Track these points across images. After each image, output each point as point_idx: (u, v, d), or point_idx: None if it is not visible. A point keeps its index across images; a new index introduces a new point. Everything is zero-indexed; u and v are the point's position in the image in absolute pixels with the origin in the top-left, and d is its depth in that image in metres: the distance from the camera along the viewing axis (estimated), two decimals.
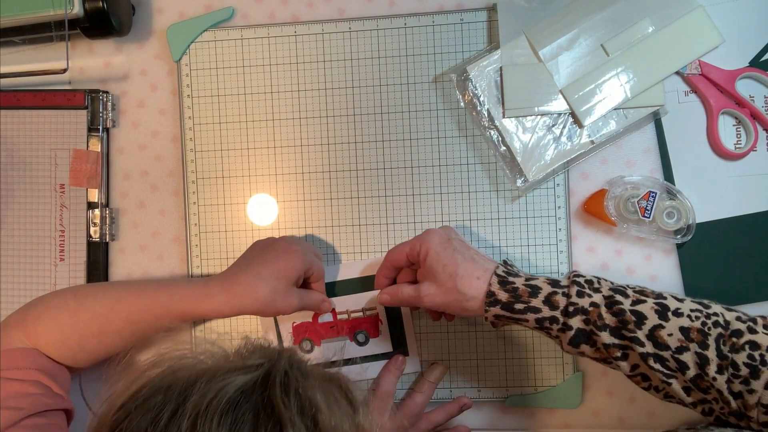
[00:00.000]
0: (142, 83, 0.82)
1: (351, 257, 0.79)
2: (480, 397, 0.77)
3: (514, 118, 0.75)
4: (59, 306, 0.68)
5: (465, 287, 0.65)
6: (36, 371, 0.63)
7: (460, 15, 0.78)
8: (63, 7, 0.75)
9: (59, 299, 0.69)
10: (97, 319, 0.67)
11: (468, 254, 0.67)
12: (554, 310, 0.62)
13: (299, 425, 0.43)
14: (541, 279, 0.65)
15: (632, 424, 0.76)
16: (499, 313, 0.64)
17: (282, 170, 0.80)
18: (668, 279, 0.76)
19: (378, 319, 0.78)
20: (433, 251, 0.67)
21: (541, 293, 0.63)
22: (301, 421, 0.43)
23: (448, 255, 0.67)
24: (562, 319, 0.62)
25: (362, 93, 0.79)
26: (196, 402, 0.42)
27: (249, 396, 0.43)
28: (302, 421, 0.43)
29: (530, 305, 0.63)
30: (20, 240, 0.82)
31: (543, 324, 0.63)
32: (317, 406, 0.45)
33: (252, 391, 0.44)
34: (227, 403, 0.42)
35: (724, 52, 0.74)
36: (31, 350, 0.66)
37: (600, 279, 0.64)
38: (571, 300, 0.62)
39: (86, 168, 0.81)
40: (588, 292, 0.62)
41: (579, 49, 0.74)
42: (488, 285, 0.65)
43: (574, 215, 0.77)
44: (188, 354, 0.49)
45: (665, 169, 0.76)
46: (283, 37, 0.80)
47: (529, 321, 0.63)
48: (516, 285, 0.64)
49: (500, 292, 0.64)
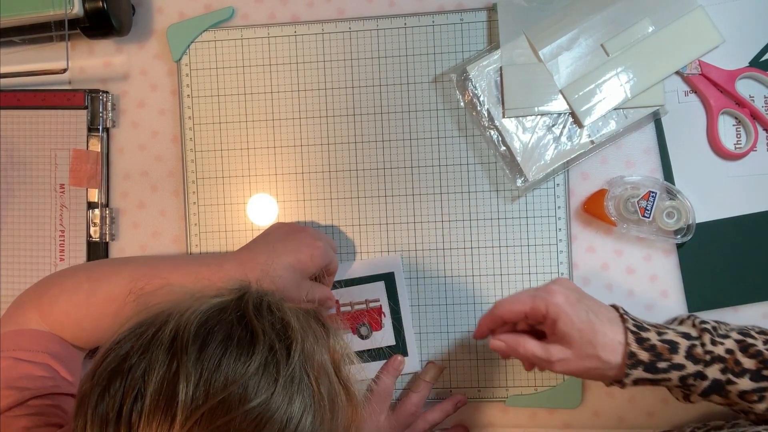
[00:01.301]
0: (142, 83, 0.82)
1: (351, 257, 0.79)
2: (480, 397, 0.77)
3: (514, 118, 0.75)
4: (74, 289, 0.67)
5: (608, 354, 0.60)
6: (46, 354, 0.63)
7: (460, 15, 0.78)
8: (63, 7, 0.75)
9: (73, 281, 0.68)
10: (112, 301, 0.67)
11: (598, 312, 0.62)
12: (697, 364, 0.59)
13: (270, 334, 0.46)
14: (671, 331, 0.61)
15: (632, 424, 0.76)
16: (641, 376, 0.60)
17: (282, 170, 0.80)
18: (668, 279, 0.76)
19: (381, 311, 0.77)
20: (564, 315, 0.61)
21: (680, 348, 0.59)
22: (272, 331, 0.46)
23: (581, 318, 0.61)
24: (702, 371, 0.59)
25: (362, 93, 0.79)
26: (176, 321, 0.46)
27: (224, 312, 0.47)
28: (273, 331, 0.46)
29: (674, 362, 0.59)
30: (20, 240, 0.82)
31: (687, 381, 0.59)
32: (288, 322, 0.48)
33: (227, 309, 0.47)
34: (203, 316, 0.46)
35: (724, 52, 0.74)
36: (43, 333, 0.65)
37: (719, 322, 0.62)
38: (706, 349, 0.59)
39: (86, 168, 0.81)
40: (719, 339, 0.59)
41: (579, 49, 0.74)
42: (626, 344, 0.60)
43: (574, 215, 0.77)
44: None
45: (665, 169, 0.76)
46: (283, 37, 0.80)
47: (672, 380, 0.59)
48: (653, 342, 0.60)
49: (640, 352, 0.59)
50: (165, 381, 0.43)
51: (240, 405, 0.43)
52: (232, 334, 0.46)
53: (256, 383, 0.44)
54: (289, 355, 0.46)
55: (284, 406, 0.44)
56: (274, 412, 0.44)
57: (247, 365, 0.44)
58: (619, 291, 0.76)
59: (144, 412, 0.42)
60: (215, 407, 0.43)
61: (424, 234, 0.78)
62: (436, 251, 0.78)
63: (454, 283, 0.77)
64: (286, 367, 0.45)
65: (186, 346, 0.44)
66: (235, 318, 0.47)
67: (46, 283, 0.69)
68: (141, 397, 0.43)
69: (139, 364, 0.44)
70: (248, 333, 0.46)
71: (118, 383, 0.44)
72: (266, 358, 0.45)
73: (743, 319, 0.75)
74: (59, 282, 0.69)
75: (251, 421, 0.43)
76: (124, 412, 0.43)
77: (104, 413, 0.44)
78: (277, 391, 0.44)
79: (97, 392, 0.45)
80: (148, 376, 0.43)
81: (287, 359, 0.46)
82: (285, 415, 0.44)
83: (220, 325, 0.46)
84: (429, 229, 0.78)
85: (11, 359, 0.62)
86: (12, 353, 0.62)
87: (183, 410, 0.42)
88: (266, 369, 0.45)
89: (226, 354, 0.44)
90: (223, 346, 0.45)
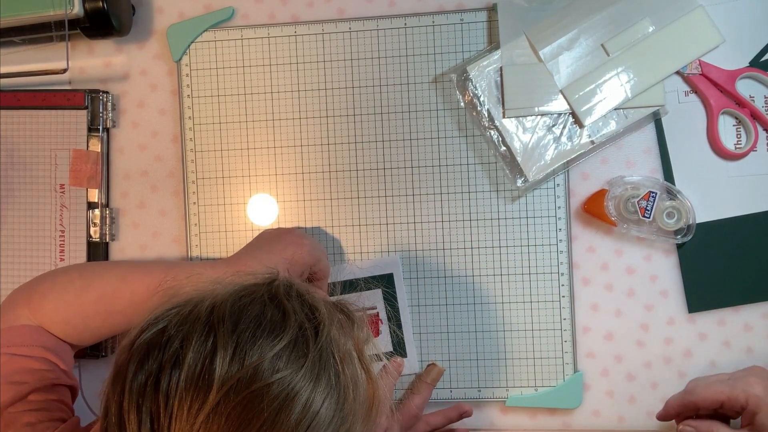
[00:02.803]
0: (142, 83, 0.82)
1: (351, 257, 0.79)
2: (480, 397, 0.77)
3: (514, 118, 0.75)
4: (65, 285, 0.67)
5: None
6: (41, 348, 0.63)
7: (460, 15, 0.78)
8: (63, 7, 0.75)
9: (65, 277, 0.68)
10: (103, 299, 0.67)
11: None
12: None
13: (300, 314, 0.48)
14: None
15: (632, 424, 0.76)
16: None
17: (282, 170, 0.80)
18: (668, 279, 0.76)
19: (378, 318, 0.78)
20: (766, 407, 0.61)
21: None
22: (302, 312, 0.48)
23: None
24: None
25: (362, 93, 0.79)
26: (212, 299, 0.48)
27: (256, 293, 0.49)
28: (303, 312, 0.48)
29: None
30: (20, 240, 0.82)
31: None
32: (317, 306, 0.50)
33: (259, 290, 0.50)
34: (237, 294, 0.49)
35: (725, 52, 0.74)
36: (36, 328, 0.65)
37: None
38: None
39: (86, 168, 0.81)
40: None
41: (579, 49, 0.74)
42: None
43: (574, 215, 0.77)
44: None
45: (665, 169, 0.76)
46: (283, 37, 0.80)
47: None
48: None
49: None
50: (202, 352, 0.45)
51: (270, 375, 0.44)
52: (265, 312, 0.48)
53: (287, 358, 0.46)
54: (317, 335, 0.48)
55: (310, 385, 0.46)
56: (300, 389, 0.45)
57: (279, 339, 0.46)
58: (619, 291, 0.76)
59: (181, 382, 0.44)
60: (247, 377, 0.44)
61: (424, 234, 0.78)
62: (436, 251, 0.78)
63: (454, 283, 0.77)
64: (314, 345, 0.47)
65: (223, 319, 0.46)
66: (267, 298, 0.49)
67: (38, 280, 0.69)
68: (179, 367, 0.44)
69: (176, 336, 0.46)
70: (280, 312, 0.48)
71: (156, 354, 0.45)
72: (296, 335, 0.47)
73: (743, 319, 0.75)
74: (51, 279, 0.69)
75: (277, 394, 0.44)
76: (161, 382, 0.44)
77: (142, 383, 0.45)
78: (306, 367, 0.46)
79: (135, 363, 0.46)
80: (186, 348, 0.45)
81: (315, 339, 0.48)
82: (311, 395, 0.45)
83: (254, 303, 0.48)
84: (429, 229, 0.78)
85: (7, 355, 0.62)
86: (7, 349, 0.62)
87: (219, 379, 0.43)
88: (296, 346, 0.46)
89: (259, 329, 0.46)
90: (256, 321, 0.47)
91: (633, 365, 0.76)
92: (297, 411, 0.44)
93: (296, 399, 0.45)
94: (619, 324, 0.76)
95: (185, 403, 0.43)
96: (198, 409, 0.43)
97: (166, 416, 0.43)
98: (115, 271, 0.69)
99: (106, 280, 0.68)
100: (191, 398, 0.43)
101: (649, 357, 0.76)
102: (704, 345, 0.75)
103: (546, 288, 0.76)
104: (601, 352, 0.76)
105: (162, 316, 0.48)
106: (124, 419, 0.45)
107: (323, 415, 0.46)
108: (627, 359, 0.76)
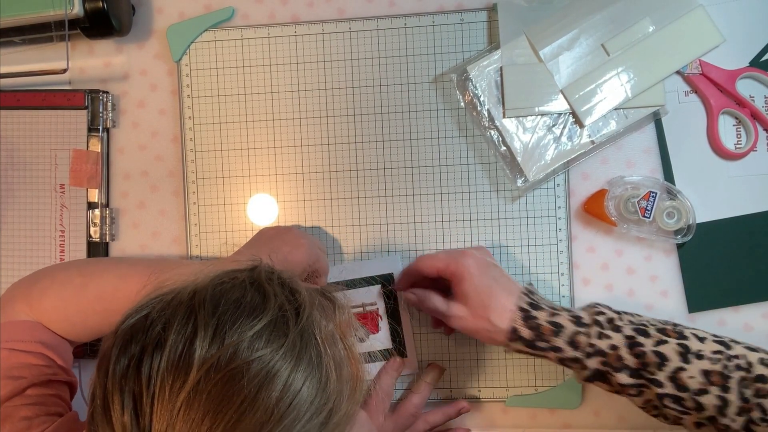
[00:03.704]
0: (142, 83, 0.82)
1: (351, 257, 0.79)
2: (480, 397, 0.77)
3: (514, 118, 0.75)
4: (64, 283, 0.67)
5: (496, 319, 0.65)
6: (39, 344, 0.64)
7: (460, 15, 0.78)
8: (63, 7, 0.75)
9: (65, 275, 0.68)
10: (102, 298, 0.67)
11: (502, 282, 0.67)
12: (576, 351, 0.63)
13: (281, 297, 0.49)
14: (564, 315, 0.65)
15: (632, 424, 0.76)
16: (522, 349, 0.65)
17: (282, 170, 0.80)
18: (668, 279, 0.76)
19: (378, 314, 0.77)
20: (469, 276, 0.67)
21: (564, 332, 0.63)
22: (282, 295, 0.49)
23: (484, 283, 0.66)
24: (582, 359, 0.63)
25: (362, 93, 0.79)
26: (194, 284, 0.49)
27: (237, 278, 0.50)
28: (284, 295, 0.49)
29: (552, 344, 0.63)
30: (20, 240, 0.82)
31: (564, 362, 0.64)
32: (298, 290, 0.50)
33: (241, 275, 0.50)
34: (218, 279, 0.49)
35: (725, 51, 0.74)
36: (34, 323, 0.66)
37: (622, 314, 0.64)
38: (591, 341, 0.62)
39: (86, 168, 0.81)
40: (608, 333, 0.62)
41: (579, 48, 0.74)
42: (511, 321, 0.65)
43: (574, 215, 0.77)
44: None
45: (665, 169, 0.76)
46: (283, 37, 0.80)
47: (551, 358, 0.64)
48: (539, 321, 0.64)
49: (523, 329, 0.64)
50: (183, 334, 0.45)
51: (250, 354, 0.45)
52: (246, 295, 0.48)
53: (267, 338, 0.46)
54: (297, 316, 0.48)
55: (290, 363, 0.46)
56: (279, 367, 0.45)
57: (258, 319, 0.47)
58: (619, 291, 0.76)
59: (162, 363, 0.44)
60: (226, 356, 0.44)
61: (424, 234, 0.78)
62: (437, 251, 0.78)
63: None
64: (295, 326, 0.47)
65: (203, 303, 0.47)
66: (249, 282, 0.50)
67: (37, 275, 0.69)
68: (160, 349, 0.45)
69: (159, 320, 0.46)
70: (260, 294, 0.49)
71: (139, 338, 0.46)
72: (276, 316, 0.47)
73: (743, 319, 0.75)
74: (50, 275, 0.69)
75: (257, 372, 0.45)
76: (143, 365, 0.45)
77: (124, 366, 0.45)
78: (286, 346, 0.46)
79: (118, 347, 0.46)
80: (167, 331, 0.46)
81: (296, 320, 0.48)
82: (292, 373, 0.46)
83: (234, 288, 0.49)
84: (429, 229, 0.78)
85: (6, 350, 0.62)
86: (6, 344, 0.63)
87: (199, 359, 0.44)
88: (276, 326, 0.47)
89: (238, 310, 0.47)
90: (236, 303, 0.47)
91: None
92: (278, 389, 0.45)
93: (276, 377, 0.45)
94: None
95: (167, 383, 0.44)
96: (179, 389, 0.43)
97: (148, 397, 0.44)
98: (114, 270, 0.69)
99: (105, 279, 0.68)
100: (172, 378, 0.44)
101: None
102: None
103: (546, 288, 0.76)
104: None
105: (146, 304, 0.49)
106: (108, 402, 0.45)
107: (305, 393, 0.46)
108: None
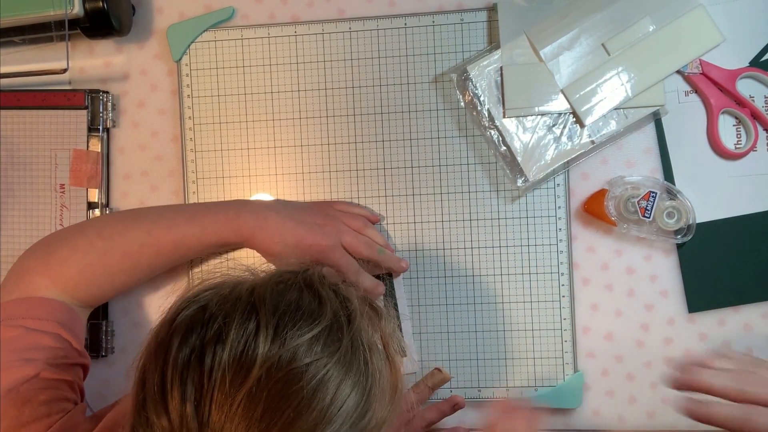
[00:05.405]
0: (142, 83, 0.82)
1: None
2: (480, 397, 0.77)
3: (514, 118, 0.75)
4: (86, 248, 0.67)
5: None
6: (56, 323, 0.63)
7: (460, 15, 0.77)
8: (63, 7, 0.75)
9: (84, 240, 0.68)
10: (128, 257, 0.67)
11: None
12: None
13: (334, 303, 0.50)
14: None
15: (632, 424, 0.76)
16: None
17: (282, 170, 0.80)
18: (668, 279, 0.76)
19: None
20: None
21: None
22: (336, 301, 0.51)
23: None
24: None
25: (362, 93, 0.79)
26: (251, 280, 0.51)
27: (292, 278, 0.52)
28: (337, 301, 0.51)
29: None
30: (20, 240, 0.82)
31: None
32: (349, 298, 0.52)
33: (296, 275, 0.52)
34: (276, 277, 0.51)
35: (725, 51, 0.74)
36: (51, 301, 0.65)
37: None
38: None
39: (86, 168, 0.81)
40: None
41: (580, 48, 0.74)
42: None
43: (574, 215, 0.77)
44: None
45: (665, 169, 0.76)
46: (283, 37, 0.80)
47: None
48: None
49: None
50: (245, 331, 0.46)
51: (308, 357, 0.46)
52: (303, 297, 0.50)
53: (323, 342, 0.48)
54: (350, 323, 0.50)
55: (343, 369, 0.48)
56: (333, 372, 0.47)
57: (317, 323, 0.48)
58: (619, 291, 0.76)
59: (225, 358, 0.45)
60: (287, 357, 0.46)
61: (424, 234, 0.78)
62: (436, 251, 0.78)
63: (454, 283, 0.77)
64: (347, 333, 0.49)
65: (264, 301, 0.48)
66: (303, 285, 0.51)
67: (51, 244, 0.68)
68: (222, 344, 0.46)
69: (218, 314, 0.47)
70: (316, 298, 0.50)
71: (199, 330, 0.47)
72: (332, 321, 0.49)
73: (743, 319, 0.75)
74: (67, 242, 0.68)
75: (314, 375, 0.46)
76: (206, 357, 0.46)
77: (186, 356, 0.46)
78: (340, 353, 0.48)
79: (178, 337, 0.47)
80: (228, 326, 0.46)
81: (348, 327, 0.49)
82: (343, 379, 0.47)
83: (291, 289, 0.50)
84: (429, 229, 0.78)
85: (22, 328, 0.62)
86: (22, 321, 0.62)
87: (261, 357, 0.45)
88: (331, 331, 0.48)
89: (297, 312, 0.48)
90: (295, 305, 0.49)
91: (633, 365, 0.76)
92: (330, 392, 0.46)
93: (330, 382, 0.47)
94: (619, 324, 0.76)
95: (227, 377, 0.45)
96: (240, 384, 0.44)
97: (208, 389, 0.45)
98: (137, 227, 0.69)
99: (129, 237, 0.68)
100: (233, 373, 0.45)
101: (649, 357, 0.76)
102: (704, 345, 0.75)
103: (546, 288, 0.76)
104: (601, 352, 0.76)
105: (202, 293, 0.50)
106: (167, 389, 0.46)
107: (352, 399, 0.47)
108: (627, 359, 0.76)
